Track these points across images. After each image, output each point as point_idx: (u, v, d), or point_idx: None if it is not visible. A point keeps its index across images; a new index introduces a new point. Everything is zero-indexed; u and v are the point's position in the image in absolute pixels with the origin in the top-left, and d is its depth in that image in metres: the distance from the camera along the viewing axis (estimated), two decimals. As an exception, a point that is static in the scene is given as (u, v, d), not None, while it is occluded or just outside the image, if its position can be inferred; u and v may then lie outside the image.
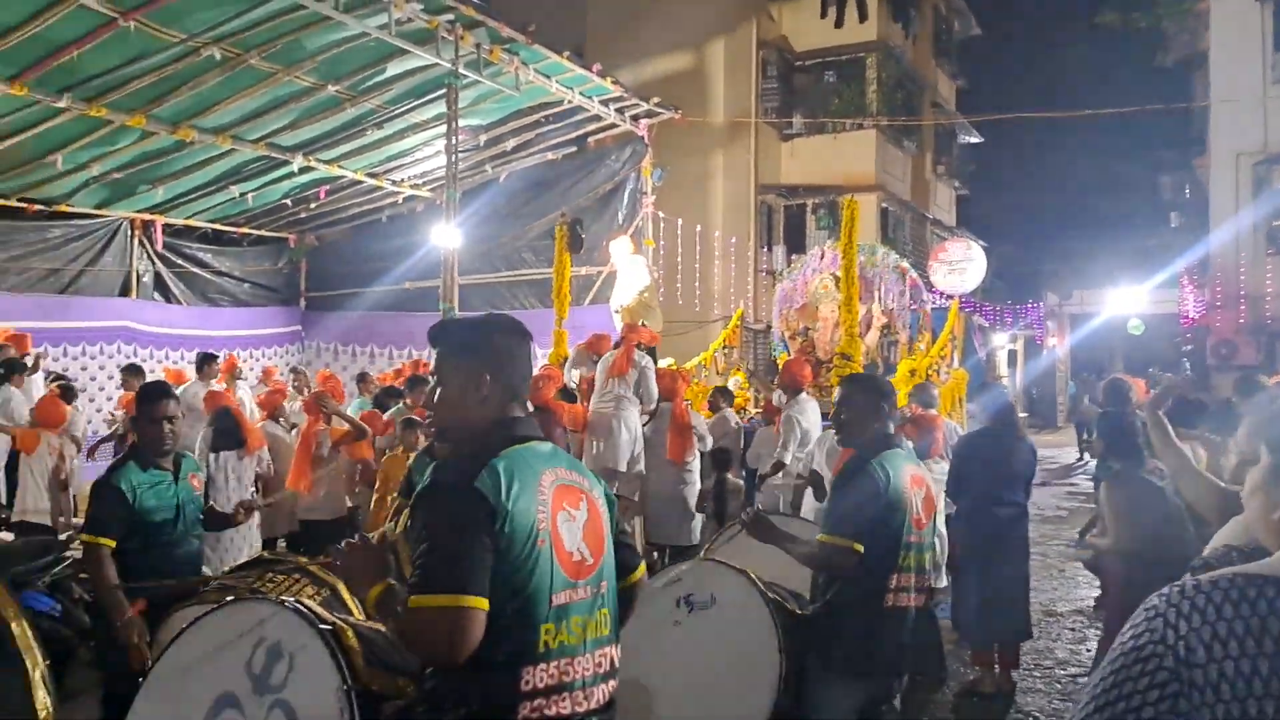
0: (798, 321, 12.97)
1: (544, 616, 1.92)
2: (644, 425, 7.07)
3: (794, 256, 16.58)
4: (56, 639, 3.94)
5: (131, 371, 9.13)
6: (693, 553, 6.01)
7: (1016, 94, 39.97)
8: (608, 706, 2.04)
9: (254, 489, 6.65)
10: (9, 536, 6.37)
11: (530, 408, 2.24)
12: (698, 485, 7.01)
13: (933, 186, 23.29)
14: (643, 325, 8.09)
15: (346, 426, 6.80)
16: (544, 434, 2.12)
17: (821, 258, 12.34)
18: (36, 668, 2.85)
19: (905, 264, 12.74)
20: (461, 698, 1.89)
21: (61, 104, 8.71)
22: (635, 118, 11.69)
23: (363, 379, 9.72)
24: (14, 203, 10.75)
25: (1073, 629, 6.54)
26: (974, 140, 25.99)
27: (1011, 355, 27.52)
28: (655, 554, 6.90)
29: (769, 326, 15.45)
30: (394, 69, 9.30)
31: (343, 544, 2.08)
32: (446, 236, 9.46)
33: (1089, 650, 5.93)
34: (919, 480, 3.27)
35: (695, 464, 7.03)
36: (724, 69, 18.12)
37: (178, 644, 2.55)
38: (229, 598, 2.78)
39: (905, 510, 3.14)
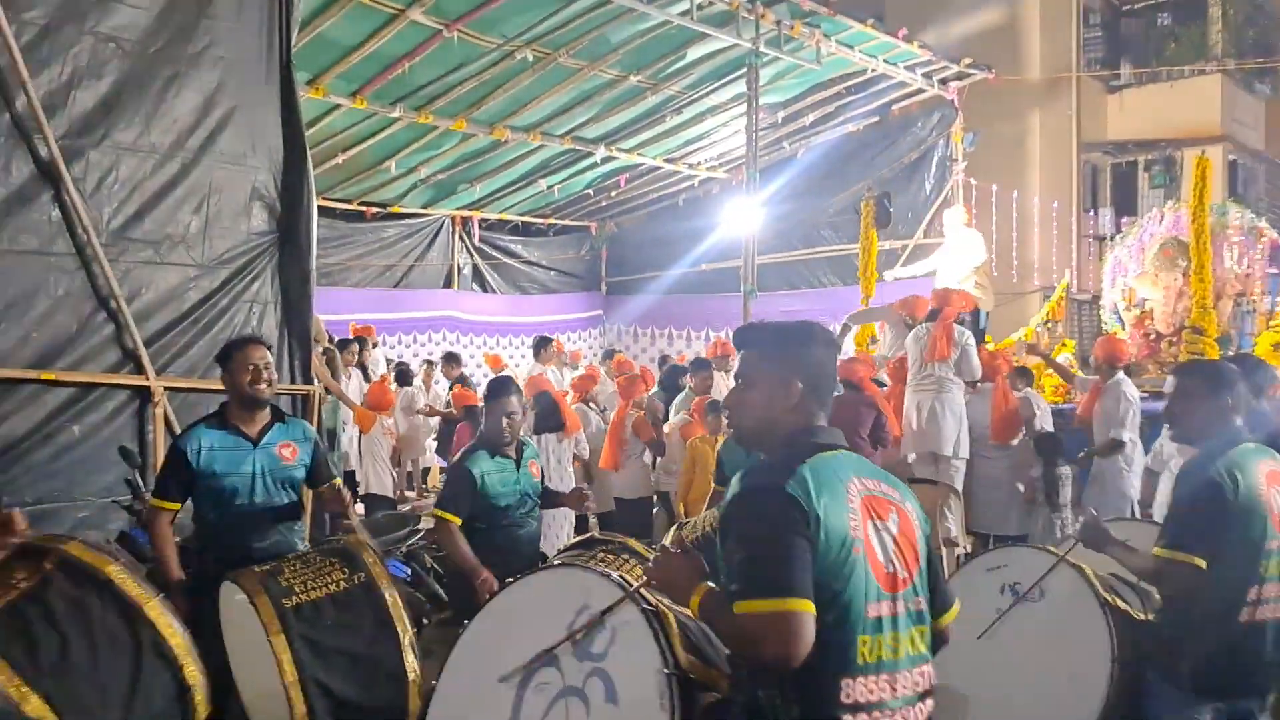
0: (1133, 292, 11.73)
1: (861, 628, 1.89)
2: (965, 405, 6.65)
3: (1123, 220, 14.98)
4: (412, 604, 4.25)
5: (450, 359, 9.83)
6: (1019, 542, 5.62)
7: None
8: None
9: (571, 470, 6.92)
10: (361, 509, 7.11)
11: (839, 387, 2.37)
12: (1025, 470, 6.50)
13: (1294, 132, 20.21)
14: (958, 291, 7.59)
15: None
16: (852, 415, 2.43)
17: (1160, 220, 11.06)
18: (406, 634, 3.06)
19: (1262, 223, 11.14)
20: (784, 705, 1.87)
21: (395, 114, 9.48)
22: (944, 81, 10.97)
23: (663, 362, 9.85)
24: (356, 207, 11.90)
25: None
26: (1340, 72, 22.29)
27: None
28: (977, 543, 6.59)
29: (1095, 297, 14.11)
30: (694, 53, 9.29)
31: (653, 555, 2.15)
32: (746, 217, 9.35)
33: None
34: (1276, 475, 2.85)
35: (1022, 448, 6.53)
36: (1040, 21, 16.59)
37: (505, 593, 2.62)
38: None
39: (1263, 514, 2.77)
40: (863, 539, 1.90)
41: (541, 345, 9.20)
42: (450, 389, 9.11)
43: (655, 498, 7.18)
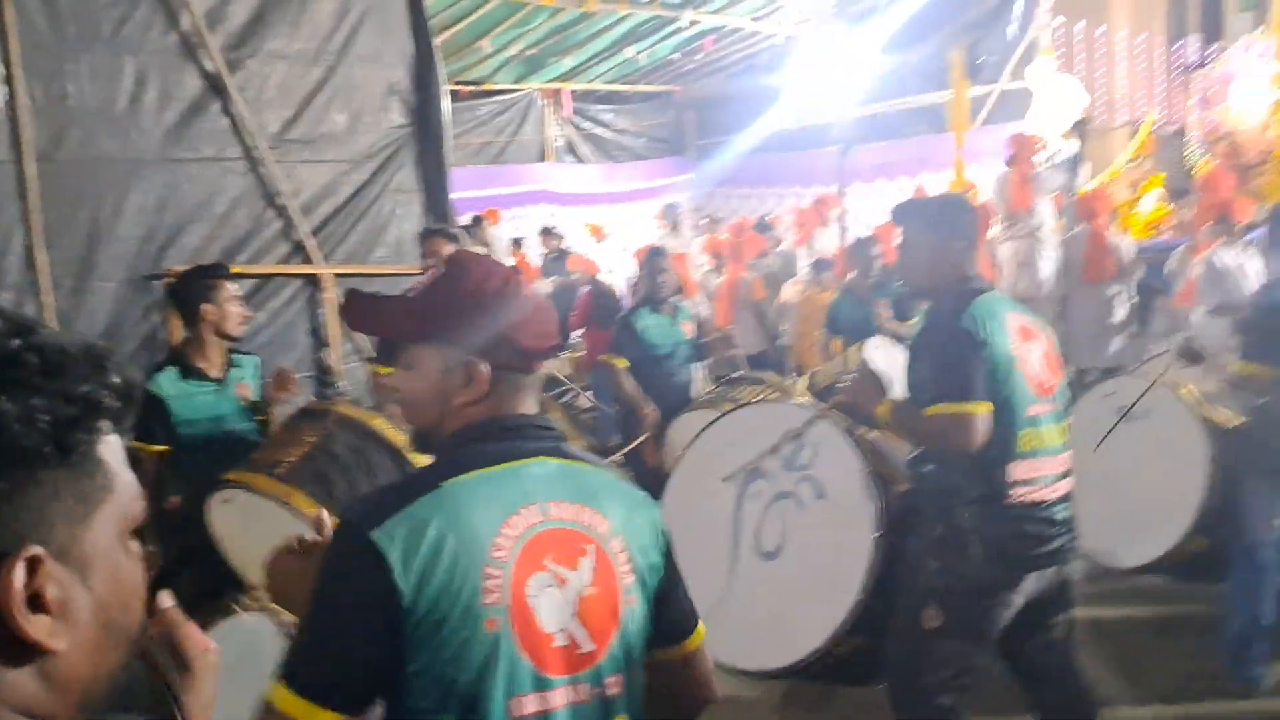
0: (1220, 122, 11.50)
1: (1021, 424, 2.47)
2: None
3: (1211, 48, 14.41)
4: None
5: (546, 233, 10.34)
6: (1117, 373, 5.87)
7: None
8: (1067, 497, 2.58)
9: None
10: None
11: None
12: (1125, 306, 6.78)
13: None
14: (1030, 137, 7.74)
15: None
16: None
17: (1248, 49, 10.75)
18: (398, 440, 3.06)
19: (1361, 44, 10.71)
20: (966, 483, 2.48)
21: (489, -8, 9.74)
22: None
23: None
24: (451, 86, 12.24)
25: None
26: None
27: None
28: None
29: (1183, 130, 13.78)
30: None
31: (848, 379, 2.82)
32: (837, 72, 9.45)
33: None
34: None
35: (1118, 285, 6.79)
36: None
37: (708, 433, 3.22)
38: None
39: None
40: (1021, 357, 2.49)
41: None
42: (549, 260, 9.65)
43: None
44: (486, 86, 12.62)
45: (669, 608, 1.45)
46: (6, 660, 0.66)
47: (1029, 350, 2.51)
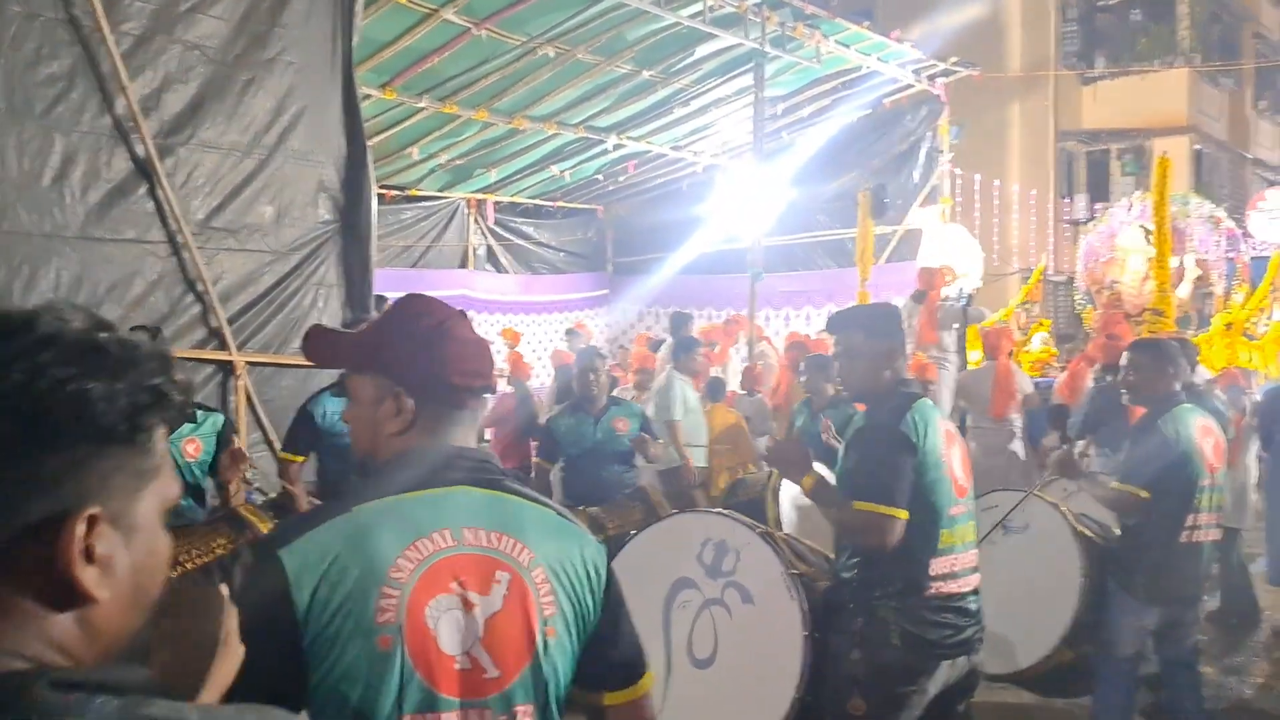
0: (1104, 275, 12.42)
1: (944, 523, 2.65)
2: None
3: (1097, 205, 15.68)
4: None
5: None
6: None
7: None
8: (976, 590, 2.78)
9: None
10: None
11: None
12: (1018, 439, 7.16)
13: (1254, 124, 20.89)
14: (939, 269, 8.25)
15: None
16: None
17: (1130, 209, 11.77)
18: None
19: (1220, 213, 11.86)
20: (887, 578, 2.65)
21: (421, 104, 10.02)
22: (931, 77, 11.59)
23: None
24: (379, 189, 12.42)
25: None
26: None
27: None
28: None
29: (1070, 279, 14.76)
30: (702, 51, 9.87)
31: (770, 442, 2.94)
32: (751, 203, 9.96)
33: None
34: (1208, 429, 3.65)
35: (1018, 420, 7.18)
36: (1021, 16, 17.19)
37: (630, 547, 3.32)
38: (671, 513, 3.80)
39: (1198, 458, 3.54)
40: (946, 460, 2.67)
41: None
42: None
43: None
44: (412, 192, 12.83)
45: (607, 650, 1.47)
46: (55, 603, 0.75)
47: (953, 454, 2.71)
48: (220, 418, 4.01)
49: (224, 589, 1.15)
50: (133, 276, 5.11)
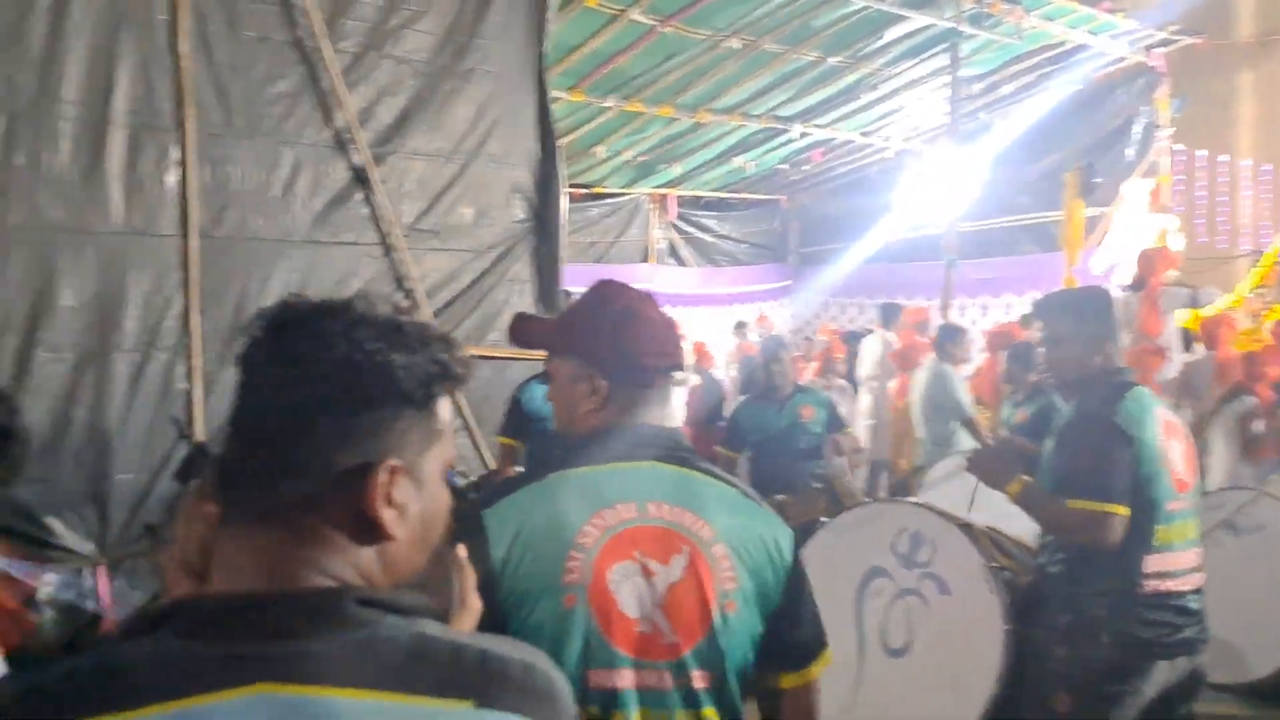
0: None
1: (1160, 519, 2.52)
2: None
3: (1342, 178, 14.08)
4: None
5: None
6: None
7: None
8: (1199, 589, 2.62)
9: None
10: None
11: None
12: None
13: None
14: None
15: None
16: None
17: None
18: None
19: None
20: (1097, 574, 2.53)
21: (607, 104, 10.25)
22: (1148, 48, 10.77)
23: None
24: (565, 189, 12.81)
25: None
26: None
27: None
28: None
29: (1309, 261, 13.38)
30: (892, 34, 9.58)
31: (974, 449, 2.88)
32: (946, 187, 9.60)
33: None
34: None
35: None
36: (1251, -24, 15.66)
37: (821, 535, 3.32)
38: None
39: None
40: (1165, 453, 2.53)
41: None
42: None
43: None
44: (597, 190, 13.16)
45: (787, 629, 1.51)
46: (360, 538, 0.89)
47: (1172, 447, 2.57)
48: None
49: (459, 550, 1.29)
50: (350, 276, 5.48)
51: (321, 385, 0.87)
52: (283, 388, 0.88)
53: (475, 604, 1.23)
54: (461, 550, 1.27)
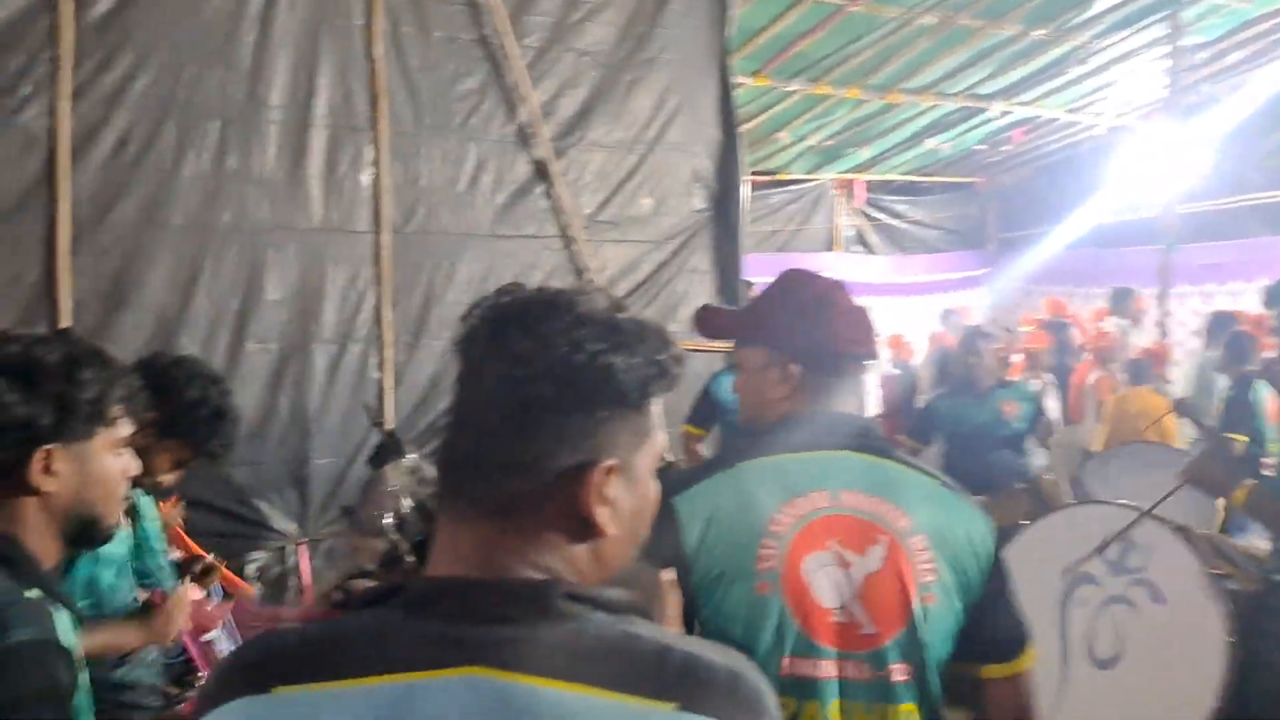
0: None
1: None
2: None
3: None
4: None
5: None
6: None
7: None
8: None
9: None
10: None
11: None
12: None
13: None
14: None
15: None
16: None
17: None
18: None
19: None
20: None
21: (792, 88, 10.02)
22: (1407, 2, 9.46)
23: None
24: (747, 176, 12.66)
25: None
26: None
27: None
28: None
29: None
30: (1103, 3, 8.86)
31: (1199, 454, 2.66)
32: (1165, 165, 8.82)
33: None
34: None
35: None
36: None
37: (1023, 538, 3.12)
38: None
39: None
40: None
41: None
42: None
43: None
44: (780, 176, 12.92)
45: (988, 621, 1.47)
46: (574, 535, 0.91)
47: None
48: None
49: (666, 574, 1.30)
50: (531, 269, 5.59)
51: (543, 386, 0.88)
52: (505, 385, 0.89)
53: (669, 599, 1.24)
54: (668, 574, 1.28)
